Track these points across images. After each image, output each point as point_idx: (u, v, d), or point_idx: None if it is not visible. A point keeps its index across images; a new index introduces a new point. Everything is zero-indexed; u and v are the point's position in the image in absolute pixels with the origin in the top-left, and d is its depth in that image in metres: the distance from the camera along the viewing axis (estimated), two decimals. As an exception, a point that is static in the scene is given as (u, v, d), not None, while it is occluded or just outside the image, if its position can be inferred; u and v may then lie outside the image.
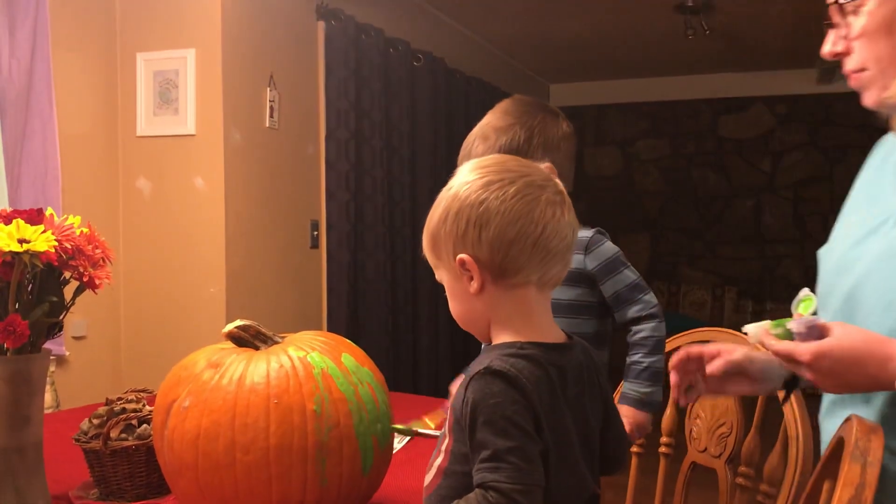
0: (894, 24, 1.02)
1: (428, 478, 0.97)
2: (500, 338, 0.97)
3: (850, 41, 1.06)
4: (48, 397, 2.70)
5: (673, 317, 6.72)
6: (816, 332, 0.99)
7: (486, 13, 4.84)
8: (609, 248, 1.60)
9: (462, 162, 1.53)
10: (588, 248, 1.58)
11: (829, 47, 1.09)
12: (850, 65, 1.08)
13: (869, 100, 1.08)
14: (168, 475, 1.18)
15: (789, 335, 1.01)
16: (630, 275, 1.59)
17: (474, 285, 0.95)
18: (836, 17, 1.07)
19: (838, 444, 0.91)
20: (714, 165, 6.96)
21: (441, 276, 1.00)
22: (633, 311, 1.60)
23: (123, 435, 1.32)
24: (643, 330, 1.59)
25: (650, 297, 1.62)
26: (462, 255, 0.95)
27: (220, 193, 3.19)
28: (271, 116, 3.42)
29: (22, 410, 1.19)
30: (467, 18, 4.98)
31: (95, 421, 1.35)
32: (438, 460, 0.96)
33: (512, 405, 0.87)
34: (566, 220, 0.96)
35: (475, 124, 1.67)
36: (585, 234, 1.58)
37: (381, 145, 3.94)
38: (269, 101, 3.41)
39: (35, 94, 2.86)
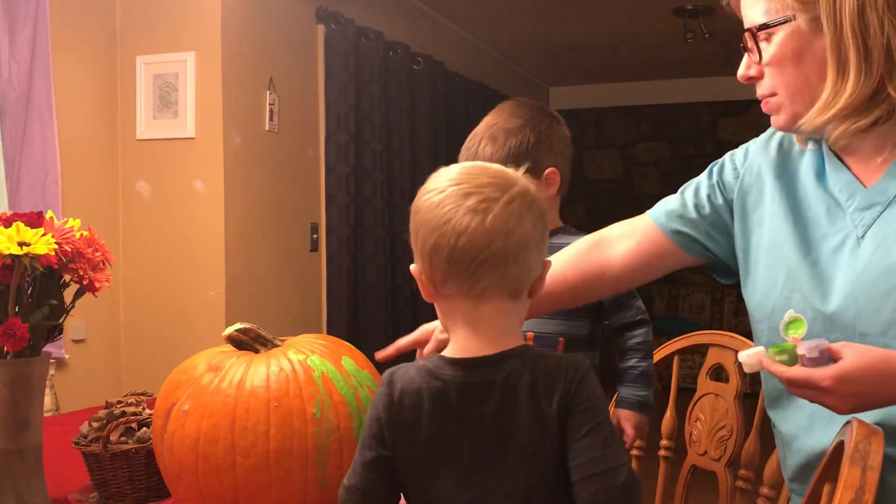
0: (803, 56, 1.06)
1: None
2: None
3: (761, 67, 1.10)
4: (48, 400, 2.69)
5: (672, 320, 6.72)
6: (827, 355, 0.96)
7: (485, 17, 4.85)
8: None
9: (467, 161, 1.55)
10: None
11: (742, 71, 1.13)
12: (760, 90, 1.12)
13: (778, 123, 1.13)
14: (168, 479, 1.17)
15: (795, 360, 0.97)
16: None
17: (425, 295, 0.95)
18: (749, 43, 1.10)
19: (838, 448, 0.91)
20: (714, 168, 6.96)
21: None
22: (628, 316, 1.66)
23: (123, 438, 1.32)
24: (637, 335, 1.66)
25: (640, 303, 1.70)
26: (412, 266, 0.96)
27: (219, 197, 3.19)
28: (271, 119, 3.43)
29: (21, 414, 1.19)
30: (467, 22, 4.98)
31: (95, 424, 1.35)
32: None
33: (372, 409, 0.93)
34: (487, 227, 0.87)
35: (475, 127, 1.67)
36: (571, 240, 1.59)
37: (381, 148, 3.94)
38: (269, 104, 3.41)
39: (35, 97, 2.86)
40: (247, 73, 3.30)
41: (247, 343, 1.20)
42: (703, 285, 6.89)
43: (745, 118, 6.78)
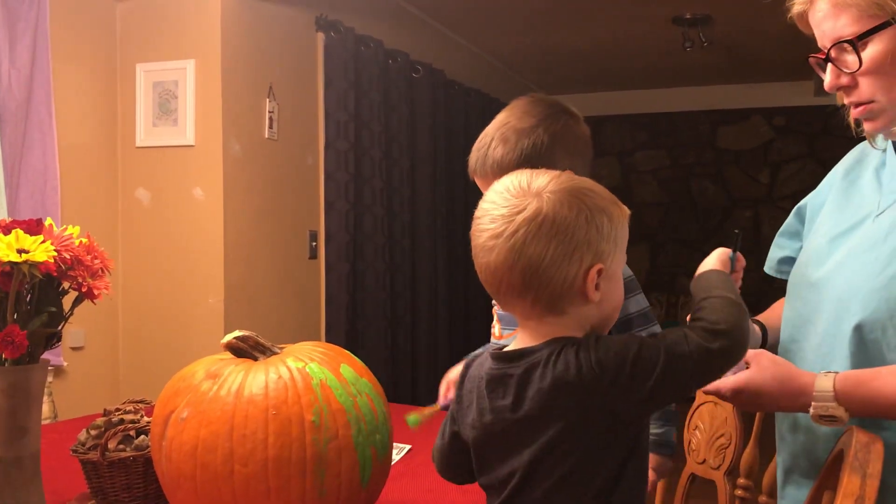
0: None
1: None
2: None
3: (856, 76, 1.08)
4: (46, 408, 2.69)
5: (672, 327, 6.71)
6: (742, 364, 1.10)
7: (485, 25, 4.86)
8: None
9: (477, 163, 1.45)
10: None
11: (831, 80, 1.11)
12: (855, 97, 1.10)
13: (876, 127, 1.11)
14: (166, 486, 1.17)
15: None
16: (641, 301, 1.49)
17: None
18: (837, 53, 1.08)
19: (838, 456, 0.91)
20: (713, 176, 6.97)
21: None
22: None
23: (121, 446, 1.31)
24: None
25: (656, 328, 1.50)
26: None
27: (219, 204, 3.19)
28: (270, 127, 3.43)
29: (19, 421, 1.19)
30: (466, 30, 5.00)
31: (93, 432, 1.34)
32: None
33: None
34: (493, 266, 0.99)
35: (475, 135, 1.58)
36: None
37: (381, 156, 3.94)
38: (269, 111, 3.42)
39: (35, 104, 2.86)
40: (246, 81, 3.30)
41: (245, 351, 1.19)
42: (702, 293, 6.89)
43: (744, 127, 6.79)
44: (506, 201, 0.95)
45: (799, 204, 1.37)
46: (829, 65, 1.10)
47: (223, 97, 3.18)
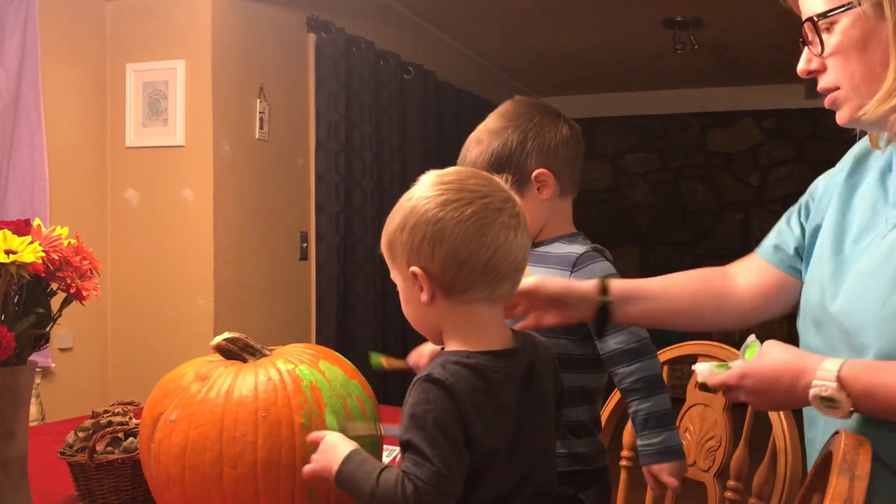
0: (868, 43, 1.02)
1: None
2: (451, 345, 1.01)
3: (823, 59, 1.07)
4: (33, 410, 2.67)
5: (662, 330, 6.72)
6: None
7: (476, 27, 4.86)
8: (599, 268, 1.43)
9: (460, 165, 1.47)
10: (575, 265, 1.43)
11: (803, 65, 1.09)
12: (823, 82, 1.08)
13: (842, 118, 1.09)
14: (154, 489, 1.17)
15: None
16: None
17: (424, 296, 0.99)
18: (810, 35, 1.06)
19: (826, 458, 0.92)
20: (703, 179, 6.99)
21: (395, 277, 1.05)
22: (613, 343, 1.40)
23: (109, 448, 1.31)
24: (632, 374, 1.39)
25: (638, 329, 1.41)
26: (414, 268, 0.99)
27: (208, 205, 3.18)
28: (261, 128, 3.42)
29: (6, 423, 1.18)
30: (458, 32, 5.00)
31: (81, 434, 1.34)
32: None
33: (443, 414, 0.92)
34: (518, 244, 0.99)
35: (465, 137, 1.61)
36: (577, 250, 1.45)
37: (371, 157, 3.94)
38: (259, 112, 3.41)
39: (23, 104, 2.85)
40: (237, 82, 3.30)
41: (235, 352, 1.19)
42: (692, 295, 6.91)
43: (734, 129, 6.83)
44: (495, 185, 1.04)
45: (802, 201, 1.27)
46: (805, 48, 1.09)
47: (213, 97, 3.17)
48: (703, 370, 1.09)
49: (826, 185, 1.23)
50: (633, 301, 1.26)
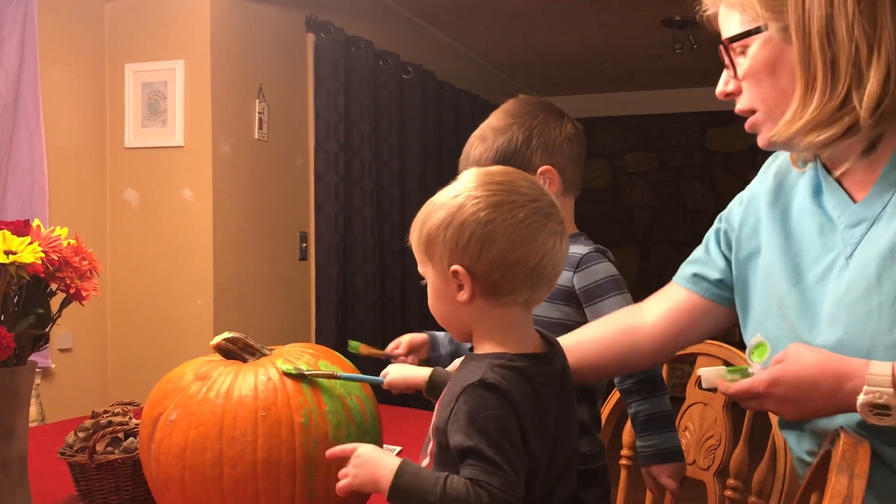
0: (777, 66, 1.03)
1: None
2: (485, 347, 0.99)
3: (738, 81, 1.07)
4: (33, 410, 2.67)
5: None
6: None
7: (475, 27, 4.86)
8: (603, 269, 1.44)
9: (463, 163, 1.47)
10: (579, 265, 1.44)
11: (720, 87, 1.10)
12: (739, 104, 1.09)
13: (762, 141, 1.09)
14: (154, 489, 1.17)
15: (746, 377, 0.99)
16: (621, 301, 1.41)
17: (464, 295, 0.97)
18: (725, 58, 1.07)
19: (825, 457, 0.92)
20: (702, 178, 7.00)
21: (426, 272, 1.02)
22: None
23: (109, 448, 1.31)
24: (632, 375, 1.41)
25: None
26: (457, 267, 0.97)
27: (208, 205, 3.18)
28: (260, 128, 3.42)
29: (6, 423, 1.18)
30: (457, 32, 5.00)
31: (81, 434, 1.34)
32: (426, 461, 1.01)
33: (506, 418, 0.90)
34: (563, 251, 0.99)
35: (465, 137, 1.60)
36: (581, 250, 1.45)
37: (371, 157, 3.94)
38: (258, 112, 3.41)
39: (22, 105, 2.85)
40: (236, 82, 3.30)
41: (235, 352, 1.19)
42: (691, 295, 6.91)
43: (733, 129, 6.82)
44: (543, 191, 1.03)
45: (718, 229, 1.24)
46: (724, 70, 1.09)
47: (212, 98, 3.17)
48: (710, 376, 1.03)
49: (745, 213, 1.20)
50: None
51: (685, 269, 1.26)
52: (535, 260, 0.96)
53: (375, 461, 0.95)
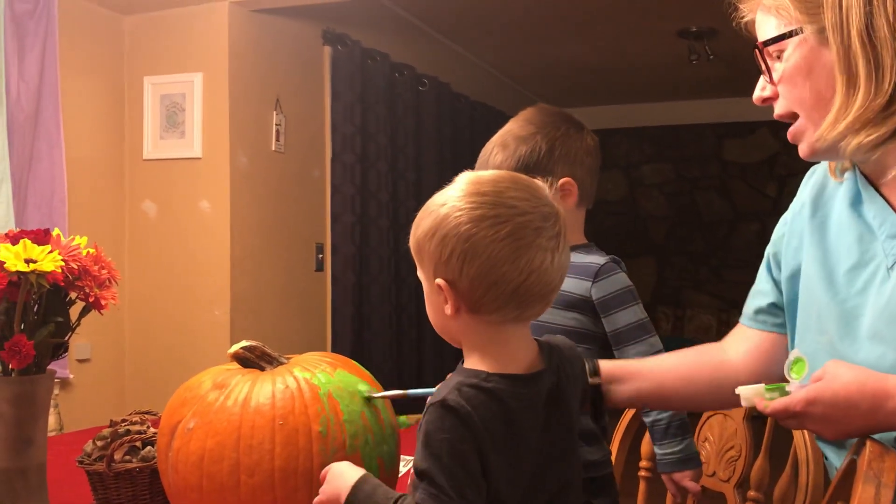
0: (813, 68, 1.01)
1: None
2: (470, 360, 0.95)
3: (775, 86, 1.07)
4: (52, 420, 2.68)
5: (678, 341, 6.68)
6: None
7: (491, 39, 4.87)
8: (620, 279, 1.45)
9: (478, 170, 1.49)
10: (597, 276, 1.44)
11: (757, 93, 1.09)
12: (777, 109, 1.08)
13: (803, 152, 1.07)
14: (172, 497, 1.16)
15: (785, 395, 0.97)
16: (638, 312, 1.44)
17: (449, 309, 0.93)
18: (761, 63, 1.07)
19: (850, 467, 0.90)
20: (719, 190, 6.96)
21: (421, 277, 0.99)
22: (634, 353, 1.41)
23: (127, 457, 1.31)
24: None
25: (655, 340, 1.45)
26: (440, 281, 0.92)
27: (225, 216, 3.20)
28: (277, 140, 3.44)
29: (25, 432, 1.18)
30: (472, 44, 5.01)
31: (99, 443, 1.34)
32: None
33: (461, 443, 0.87)
34: (556, 266, 0.91)
35: (480, 148, 1.59)
36: (598, 260, 1.46)
37: (387, 169, 3.95)
38: (276, 124, 3.43)
39: (43, 117, 2.88)
40: (253, 94, 3.32)
41: (252, 361, 1.19)
42: (708, 306, 6.87)
43: (750, 140, 6.79)
44: (540, 199, 0.96)
45: (768, 254, 1.22)
46: (761, 76, 1.08)
47: (230, 110, 3.19)
48: (748, 394, 0.99)
49: (790, 231, 1.18)
50: (625, 381, 1.19)
51: (748, 307, 1.24)
52: (518, 279, 0.89)
53: (341, 477, 0.96)
